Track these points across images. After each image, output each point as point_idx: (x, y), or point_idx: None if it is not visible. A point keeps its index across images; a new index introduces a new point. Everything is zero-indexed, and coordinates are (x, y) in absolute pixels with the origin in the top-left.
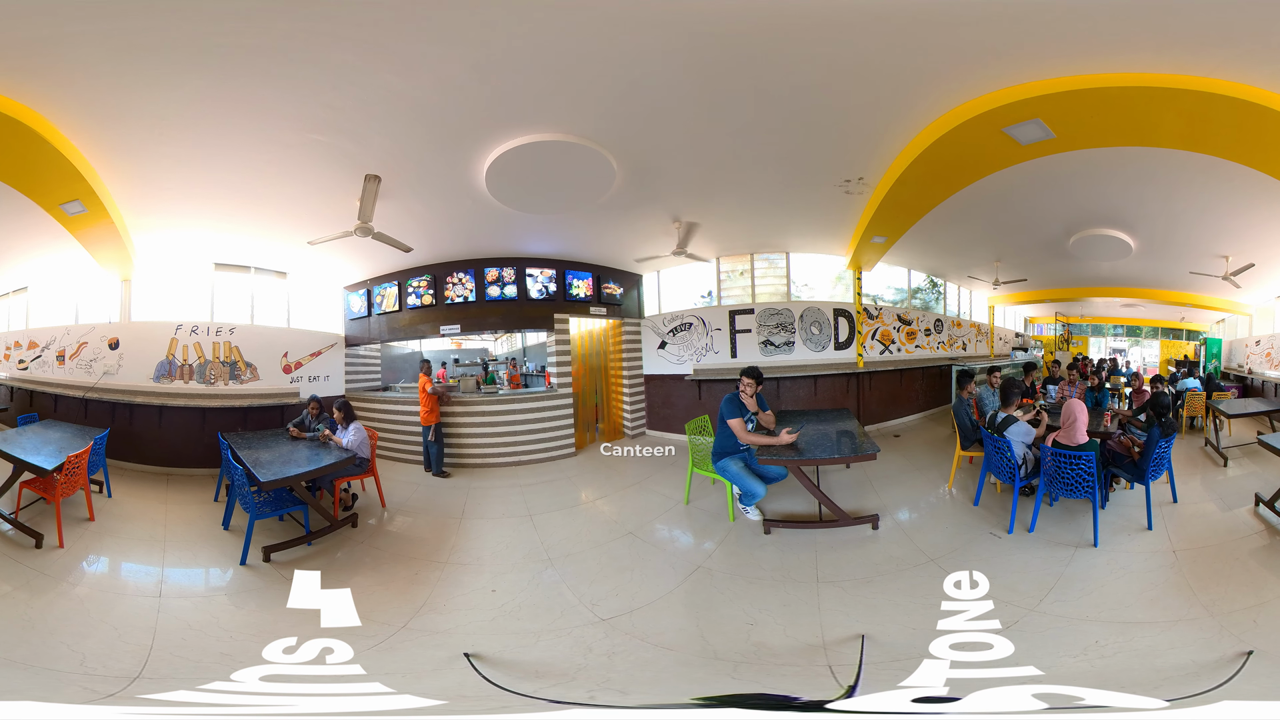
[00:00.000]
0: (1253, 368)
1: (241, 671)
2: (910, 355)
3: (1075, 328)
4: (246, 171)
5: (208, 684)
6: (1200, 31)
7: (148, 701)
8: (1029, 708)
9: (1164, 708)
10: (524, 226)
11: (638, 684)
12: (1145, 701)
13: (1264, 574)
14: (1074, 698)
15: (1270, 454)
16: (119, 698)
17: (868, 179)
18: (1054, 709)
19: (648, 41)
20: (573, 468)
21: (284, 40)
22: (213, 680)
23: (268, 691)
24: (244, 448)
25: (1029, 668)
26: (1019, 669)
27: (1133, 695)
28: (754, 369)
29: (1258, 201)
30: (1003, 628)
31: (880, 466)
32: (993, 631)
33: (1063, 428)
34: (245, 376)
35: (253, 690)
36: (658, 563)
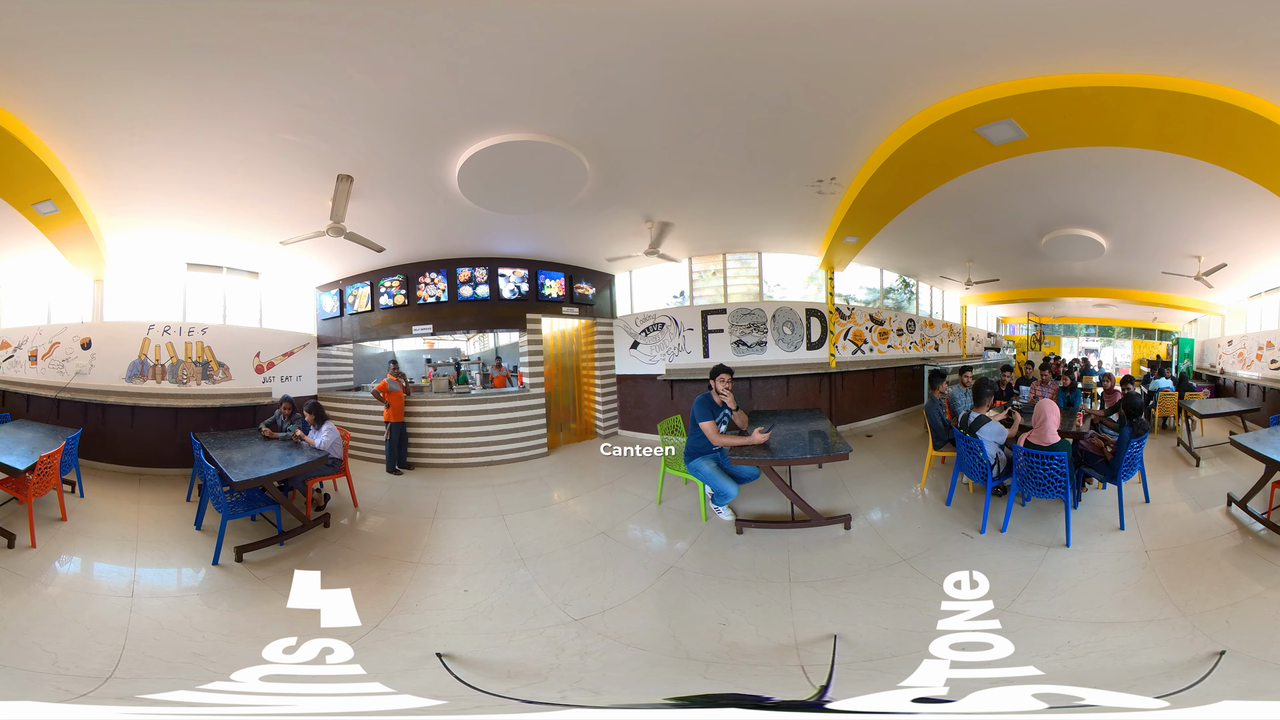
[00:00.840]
0: (1225, 368)
1: (241, 671)
2: (883, 355)
3: (1047, 328)
4: (219, 172)
5: (207, 684)
6: (1172, 31)
7: (148, 701)
8: (1029, 708)
9: (1164, 708)
10: (496, 226)
11: (610, 684)
12: (1145, 702)
13: (1236, 574)
14: (1074, 698)
15: (1242, 454)
16: (91, 698)
17: (840, 179)
18: (1054, 709)
19: (620, 42)
20: (545, 468)
21: (256, 41)
22: (186, 680)
23: (268, 691)
24: (216, 448)
25: (1028, 668)
26: (1017, 669)
27: (1133, 695)
28: (721, 365)
29: (1230, 201)
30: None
31: (852, 466)
32: (992, 632)
33: (1034, 428)
34: (217, 376)
35: (253, 690)
36: (630, 563)
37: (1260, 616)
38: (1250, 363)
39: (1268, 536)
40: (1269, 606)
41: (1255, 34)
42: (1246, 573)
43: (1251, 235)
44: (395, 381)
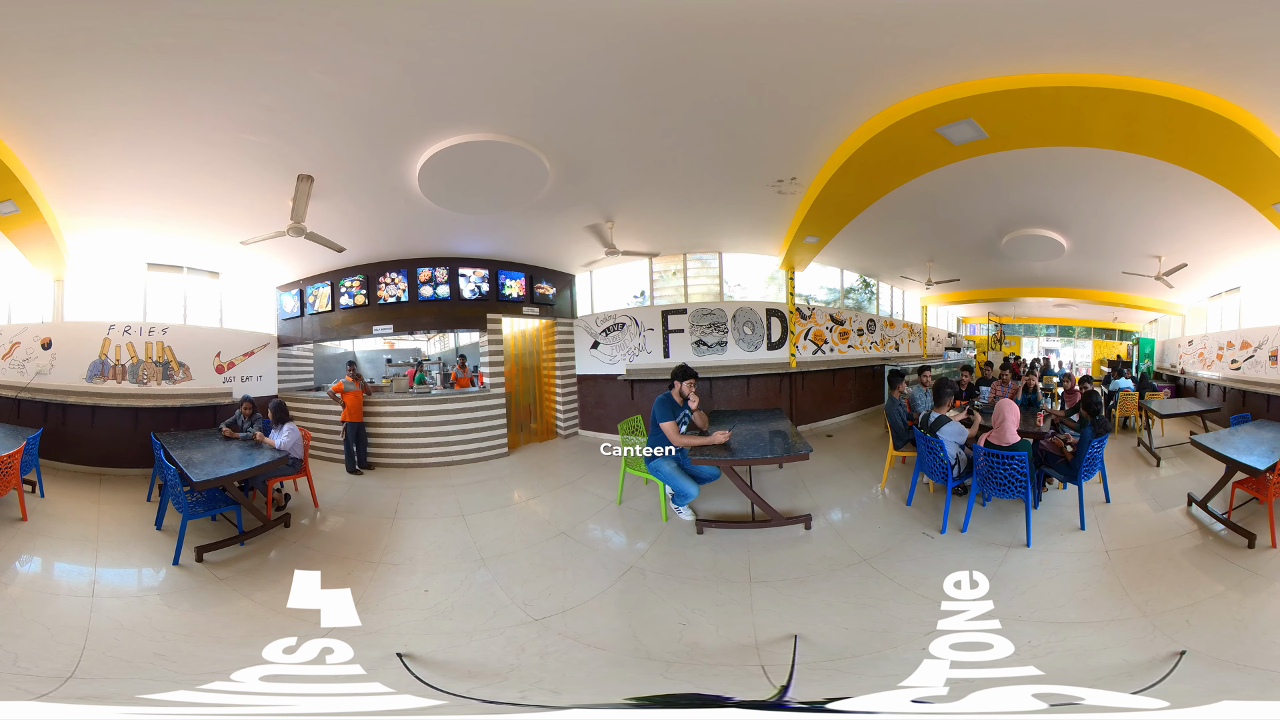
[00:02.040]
0: (1185, 368)
1: (241, 671)
2: (843, 355)
3: (1008, 328)
4: (179, 172)
5: (207, 684)
6: (1132, 31)
7: (148, 701)
8: (1029, 708)
9: (1164, 708)
10: (457, 226)
11: (570, 684)
12: (1145, 701)
13: (1197, 574)
14: (1074, 698)
15: (1203, 454)
16: (52, 697)
17: (800, 179)
18: (1054, 709)
19: (580, 42)
20: (505, 468)
21: (217, 41)
22: (146, 680)
23: (268, 691)
24: (177, 448)
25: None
26: (1017, 669)
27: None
28: (686, 369)
29: (1190, 201)
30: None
31: (813, 466)
32: (992, 632)
33: (994, 428)
34: (178, 376)
35: (253, 690)
36: (590, 563)
37: (1220, 617)
38: (1211, 363)
39: (1228, 536)
40: (1229, 607)
41: (1215, 35)
42: (1207, 573)
43: (1212, 235)
44: (352, 382)
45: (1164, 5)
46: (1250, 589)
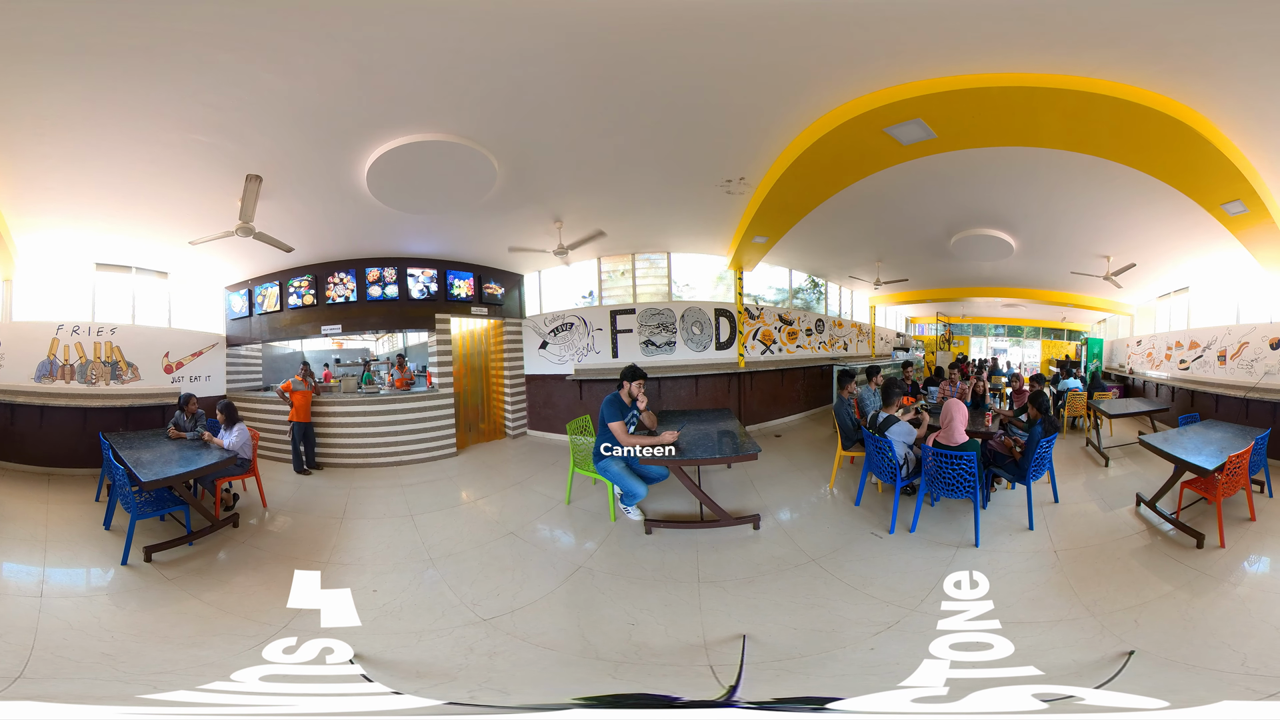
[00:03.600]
0: (1134, 368)
1: (241, 671)
2: (791, 355)
3: (956, 328)
4: (128, 172)
5: (207, 684)
6: (1081, 31)
7: (148, 701)
8: (1029, 708)
9: (1164, 708)
10: (405, 226)
11: (519, 684)
12: (1145, 701)
13: (1145, 574)
14: (1073, 698)
15: (1151, 454)
16: (2, 696)
17: (749, 179)
18: (1054, 709)
19: (529, 41)
20: (454, 468)
21: (166, 40)
22: (95, 680)
23: (268, 691)
24: (125, 448)
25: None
26: (1017, 669)
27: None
28: (636, 369)
29: (1139, 201)
30: (885, 627)
31: (761, 466)
32: (992, 632)
33: (942, 427)
34: (127, 377)
35: (253, 690)
36: (539, 563)
37: (1169, 616)
38: (1159, 363)
39: (1176, 536)
40: (1178, 606)
41: (1165, 35)
42: (1155, 573)
43: (1161, 235)
44: (301, 381)
45: (1114, 5)
46: (1199, 589)
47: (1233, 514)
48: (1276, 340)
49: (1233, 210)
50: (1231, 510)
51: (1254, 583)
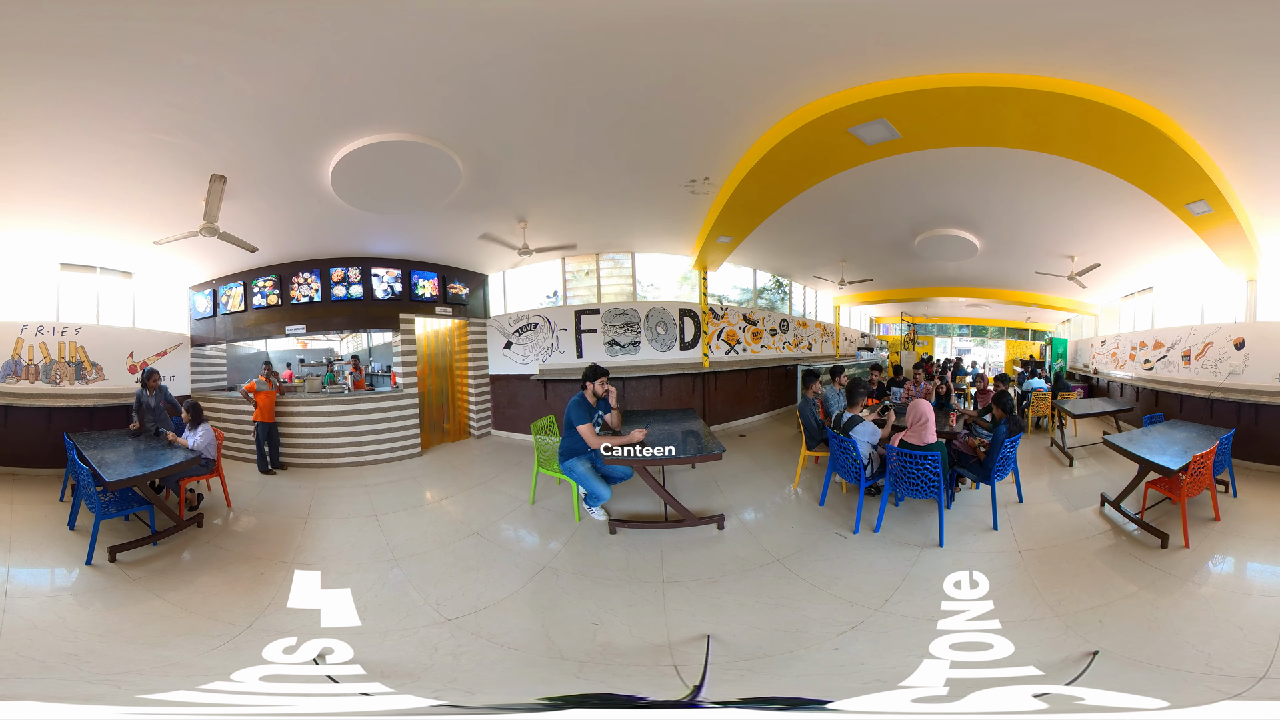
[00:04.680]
0: (1098, 368)
1: (242, 671)
2: (756, 355)
3: (921, 328)
4: (92, 172)
5: (207, 684)
6: (1046, 31)
7: (147, 702)
8: (1029, 708)
9: (1164, 707)
10: (370, 226)
11: (483, 684)
12: (1145, 701)
13: (1109, 574)
14: (1074, 697)
15: (1115, 454)
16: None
17: (713, 179)
18: (1054, 709)
19: (493, 42)
20: (418, 468)
21: (130, 41)
22: (58, 679)
23: (268, 691)
24: (90, 448)
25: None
26: (1017, 669)
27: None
28: (596, 367)
29: (1104, 201)
30: (849, 627)
31: (726, 467)
32: (993, 631)
33: (911, 427)
34: (91, 376)
35: (253, 690)
36: (504, 563)
37: (1133, 616)
38: (1124, 363)
39: (1141, 536)
40: (1142, 606)
41: (1129, 35)
42: (1120, 573)
43: (1125, 235)
44: (265, 381)
45: (1077, 5)
46: (1163, 589)
47: (1197, 514)
48: (1240, 340)
49: (1197, 210)
50: (1196, 510)
51: (1218, 583)
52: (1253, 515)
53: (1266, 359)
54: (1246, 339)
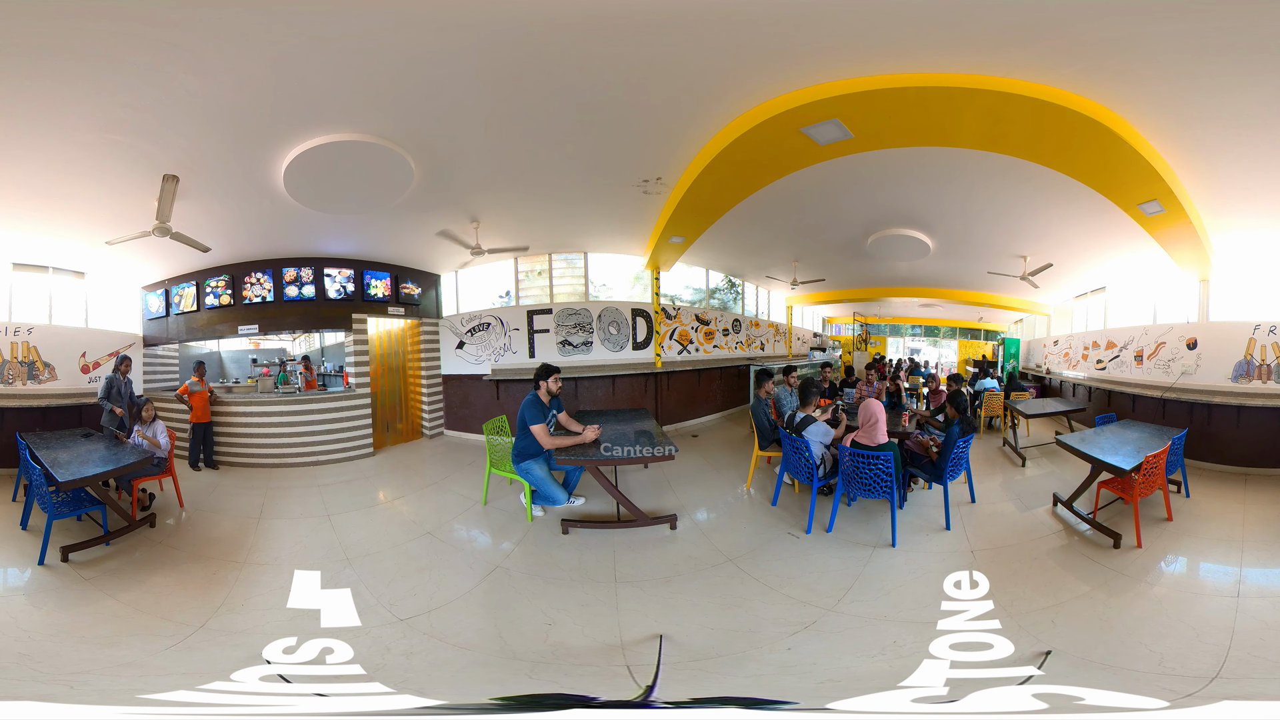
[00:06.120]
0: (1051, 368)
1: (241, 671)
2: (708, 355)
3: (873, 328)
4: (44, 172)
5: (207, 684)
6: (999, 32)
7: (147, 702)
8: (1029, 708)
9: (1164, 707)
10: (322, 226)
11: (436, 684)
12: (1145, 701)
13: (1062, 574)
14: (1074, 698)
15: (1068, 454)
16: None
17: (666, 179)
18: (1054, 709)
19: (444, 41)
20: (371, 468)
21: (81, 40)
22: (13, 680)
23: (268, 691)
24: (42, 447)
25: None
26: (1018, 669)
27: (1132, 695)
28: (548, 365)
29: (1056, 201)
30: (802, 627)
31: (678, 466)
32: (994, 631)
33: (862, 427)
34: (43, 376)
35: (253, 690)
36: (456, 563)
37: (1086, 616)
38: (1076, 363)
39: (1093, 536)
40: (1094, 606)
41: (1080, 35)
42: (1072, 573)
43: (1078, 235)
44: (197, 382)
45: (1029, 6)
46: (1115, 589)
47: (1150, 514)
48: (1193, 340)
49: (1150, 210)
50: (1148, 510)
51: (1171, 583)
52: (1205, 515)
53: (1219, 359)
54: (1199, 339)
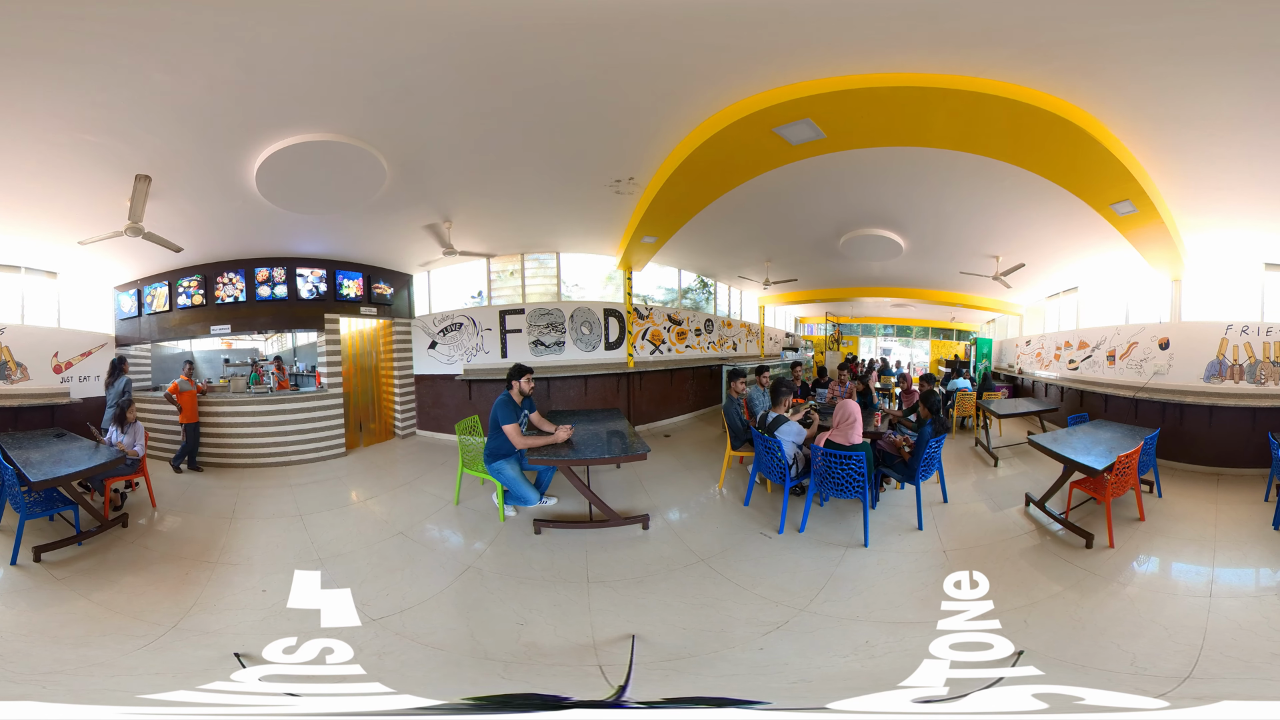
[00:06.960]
0: (1023, 367)
1: (241, 671)
2: (681, 355)
3: (846, 328)
4: (16, 172)
5: (207, 684)
6: (971, 31)
7: (148, 702)
8: (1028, 708)
9: (1164, 708)
10: (295, 226)
11: (408, 684)
12: (1145, 701)
13: (1034, 574)
14: (1074, 698)
15: (1040, 454)
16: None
17: (638, 179)
18: (1054, 709)
19: (416, 41)
20: (343, 468)
21: (52, 40)
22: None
23: (268, 691)
24: (14, 447)
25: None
26: (1018, 669)
27: (1132, 695)
28: (520, 366)
29: (1029, 201)
30: (774, 627)
31: (651, 466)
32: (994, 631)
33: (837, 427)
34: (15, 377)
35: (253, 690)
36: (428, 563)
37: (1058, 617)
38: (1048, 363)
39: (1066, 537)
40: (1067, 607)
41: (1052, 35)
42: (1044, 573)
43: (1050, 235)
44: (187, 381)
45: (1001, 5)
46: (1088, 589)
47: (1122, 514)
48: (1165, 340)
49: (1122, 210)
50: (1120, 510)
51: (1143, 583)
52: (1177, 515)
53: (1191, 359)
54: (1171, 339)
